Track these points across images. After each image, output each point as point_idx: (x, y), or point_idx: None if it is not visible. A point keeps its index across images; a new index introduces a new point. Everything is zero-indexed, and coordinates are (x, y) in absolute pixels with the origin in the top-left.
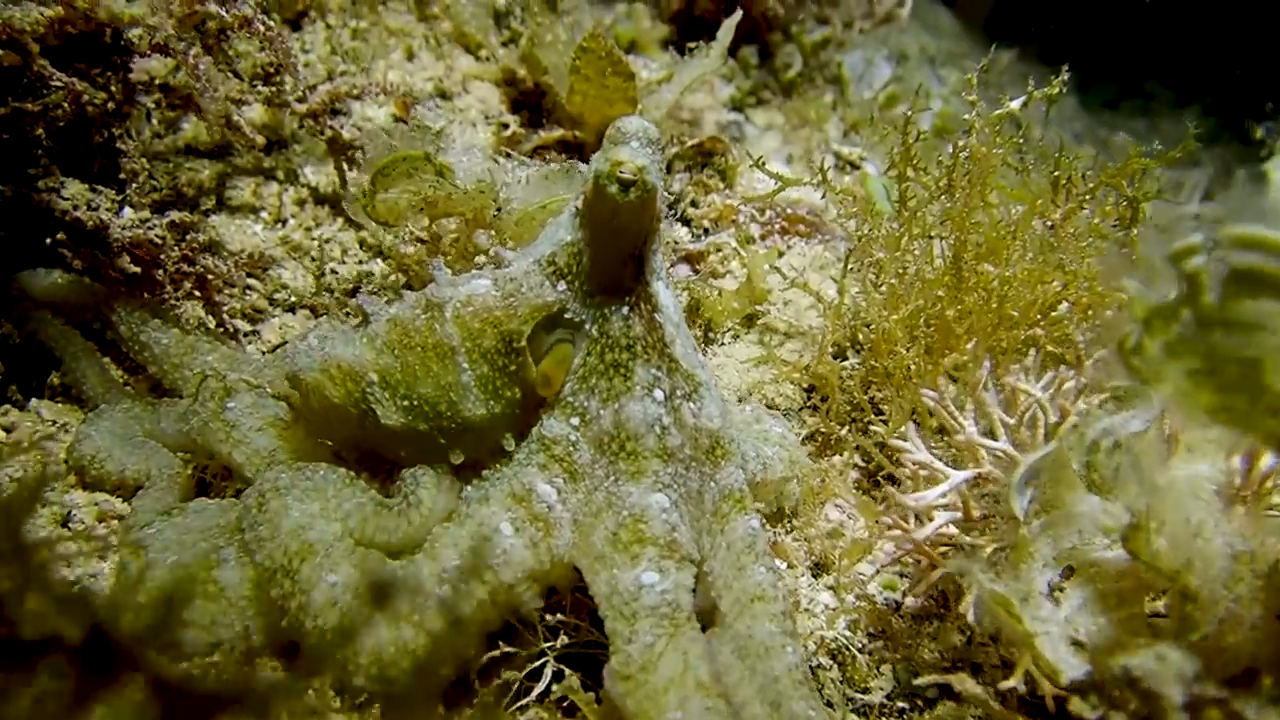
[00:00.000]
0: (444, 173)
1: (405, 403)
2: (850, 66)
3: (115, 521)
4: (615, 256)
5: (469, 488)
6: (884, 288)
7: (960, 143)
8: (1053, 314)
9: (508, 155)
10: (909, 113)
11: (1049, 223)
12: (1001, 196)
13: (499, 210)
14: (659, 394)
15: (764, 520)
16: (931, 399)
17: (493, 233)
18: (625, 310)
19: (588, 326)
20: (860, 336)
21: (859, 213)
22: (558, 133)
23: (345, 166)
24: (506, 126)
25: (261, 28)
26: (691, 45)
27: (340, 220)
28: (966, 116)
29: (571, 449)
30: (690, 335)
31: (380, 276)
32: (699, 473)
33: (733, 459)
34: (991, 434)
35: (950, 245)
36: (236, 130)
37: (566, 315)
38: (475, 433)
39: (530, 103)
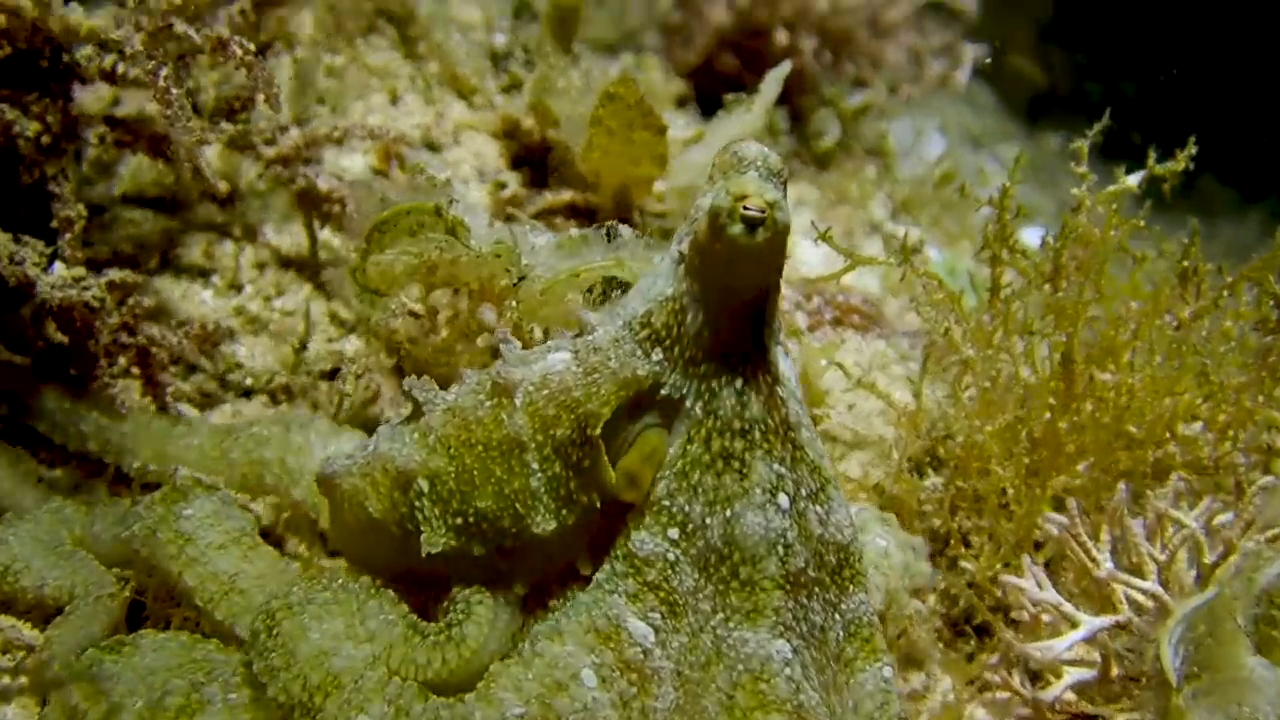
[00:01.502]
0: (458, 230)
1: (457, 520)
2: (897, 137)
3: (23, 653)
4: (731, 315)
5: (535, 622)
6: (973, 392)
7: (1069, 222)
8: (1184, 431)
9: (509, 219)
10: (994, 192)
11: (1176, 322)
12: (1114, 289)
13: (519, 279)
14: (783, 499)
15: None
16: (1056, 525)
17: (511, 305)
18: (739, 384)
19: (690, 405)
20: (943, 451)
21: (943, 301)
22: (567, 195)
23: (317, 223)
24: (505, 186)
25: (239, 50)
26: (729, 97)
27: (307, 287)
28: (1075, 191)
29: (670, 572)
30: (809, 415)
31: (355, 358)
32: (822, 601)
33: (862, 583)
34: (1133, 574)
35: (1055, 344)
36: (199, 176)
37: (663, 391)
38: (542, 554)
39: (534, 159)
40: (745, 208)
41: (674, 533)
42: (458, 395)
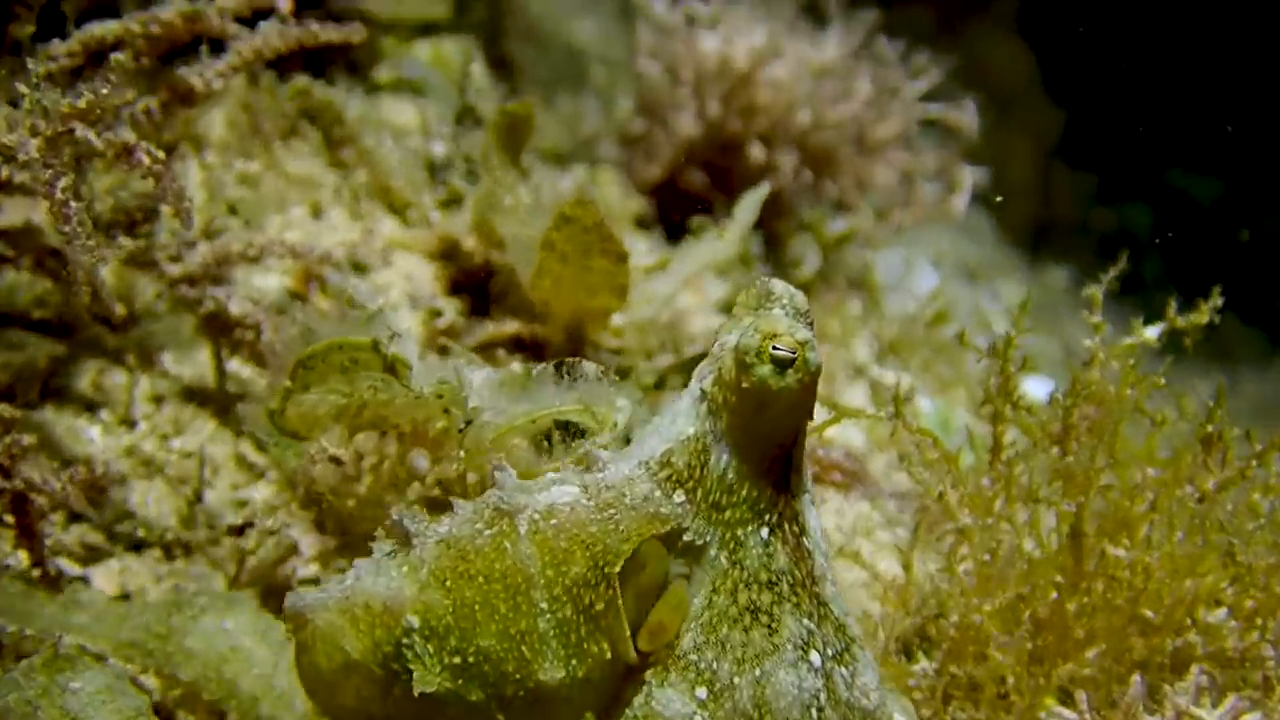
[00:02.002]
0: (398, 369)
1: (456, 660)
2: (884, 269)
3: None
4: (758, 459)
5: None
6: (969, 566)
7: (1079, 378)
8: (1206, 618)
9: (443, 351)
10: (995, 338)
11: (1198, 494)
12: (1129, 454)
13: (465, 424)
14: (815, 657)
15: None
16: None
17: (456, 455)
18: (765, 533)
19: (714, 553)
20: (935, 631)
21: (937, 461)
22: (512, 327)
23: (225, 352)
24: (441, 314)
25: (147, 159)
26: (697, 220)
27: (212, 425)
28: (1087, 344)
29: None
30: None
31: (265, 509)
32: None
33: None
34: None
35: (1063, 515)
36: (97, 299)
37: (685, 538)
38: (546, 707)
39: (475, 285)
40: (775, 348)
41: (702, 692)
42: (452, 526)
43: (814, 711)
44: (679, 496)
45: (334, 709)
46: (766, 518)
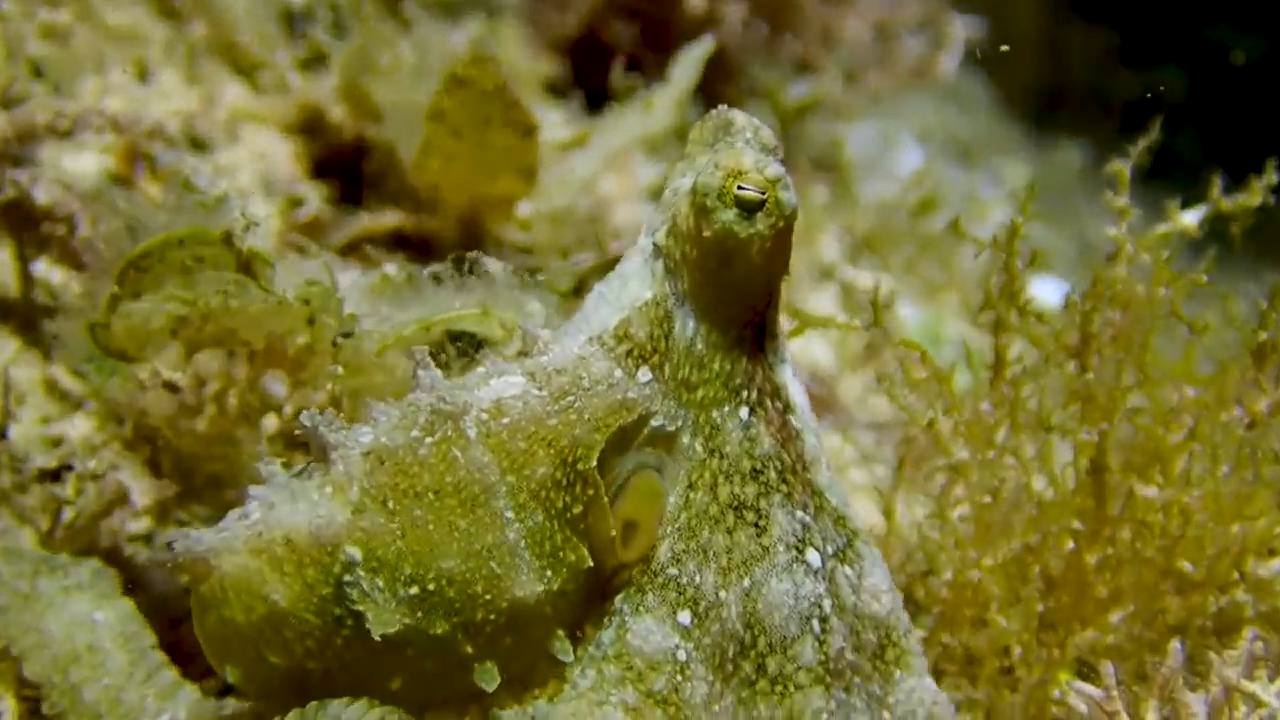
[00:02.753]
0: (255, 268)
1: (414, 590)
2: (857, 146)
3: None
4: (728, 325)
5: None
6: (966, 511)
7: (1102, 275)
8: (1258, 571)
9: (301, 252)
10: (995, 229)
11: (1247, 418)
12: (1162, 370)
13: (343, 335)
14: (813, 556)
15: None
16: (1082, 699)
17: (331, 371)
18: (745, 413)
19: (687, 441)
20: (923, 593)
21: (925, 382)
22: (390, 219)
23: (28, 252)
24: (301, 203)
25: None
26: (624, 83)
27: (15, 345)
28: (1111, 233)
29: (681, 678)
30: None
31: (83, 447)
32: (865, 696)
33: (910, 665)
34: None
35: (1082, 446)
36: None
37: (654, 423)
38: (518, 632)
39: (344, 166)
40: (740, 187)
41: (685, 617)
42: (377, 435)
43: (815, 623)
44: (644, 374)
45: (258, 672)
46: (744, 394)
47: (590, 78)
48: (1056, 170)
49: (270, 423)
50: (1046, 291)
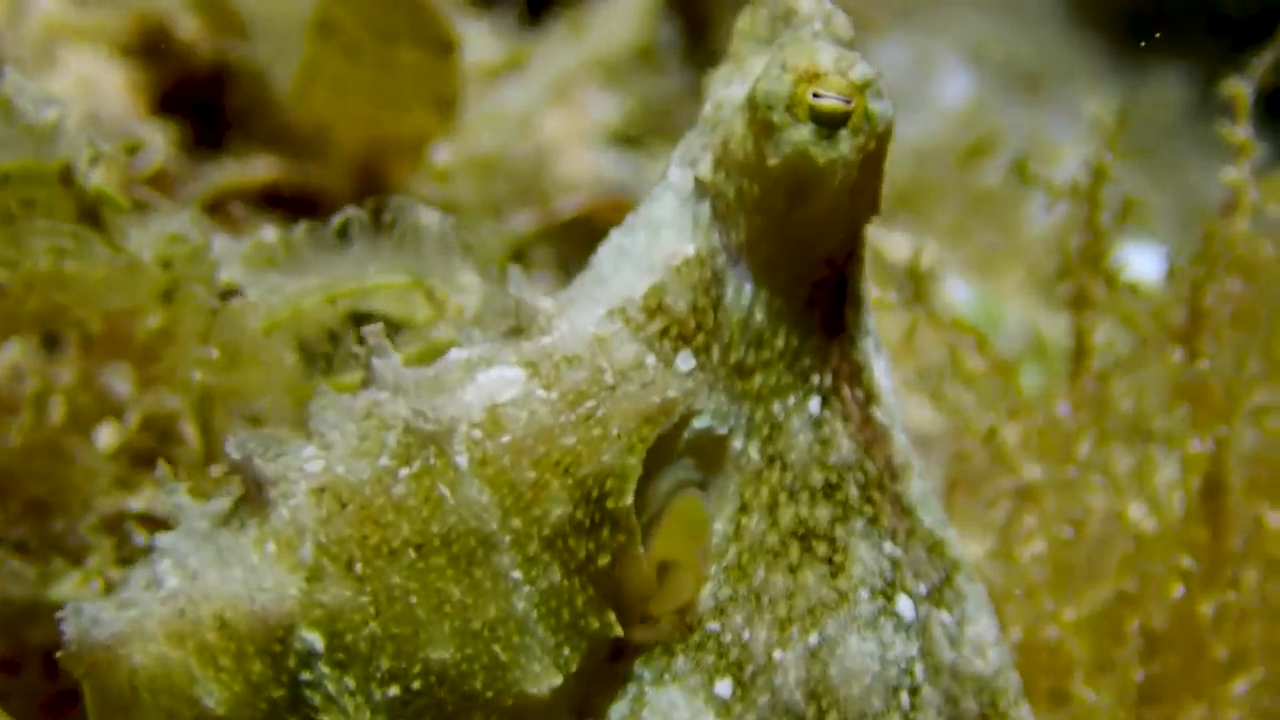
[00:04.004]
0: (102, 213)
1: (394, 690)
2: (886, 71)
3: None
4: (797, 287)
5: None
6: (1040, 548)
7: (1215, 233)
8: None
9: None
10: (1075, 173)
11: None
12: None
13: (223, 296)
14: (905, 606)
15: None
16: None
17: (201, 355)
18: (816, 405)
19: (739, 446)
20: None
21: (983, 377)
22: (263, 169)
23: None
24: (141, 149)
25: None
26: None
27: None
28: (1227, 176)
29: None
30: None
31: None
32: None
33: None
34: None
35: (1192, 461)
36: None
37: (698, 424)
38: None
39: (199, 98)
40: (817, 94)
41: (725, 687)
42: (329, 464)
43: (905, 696)
44: (685, 360)
45: None
46: (815, 380)
47: None
48: (1152, 105)
49: (108, 434)
50: (1144, 262)
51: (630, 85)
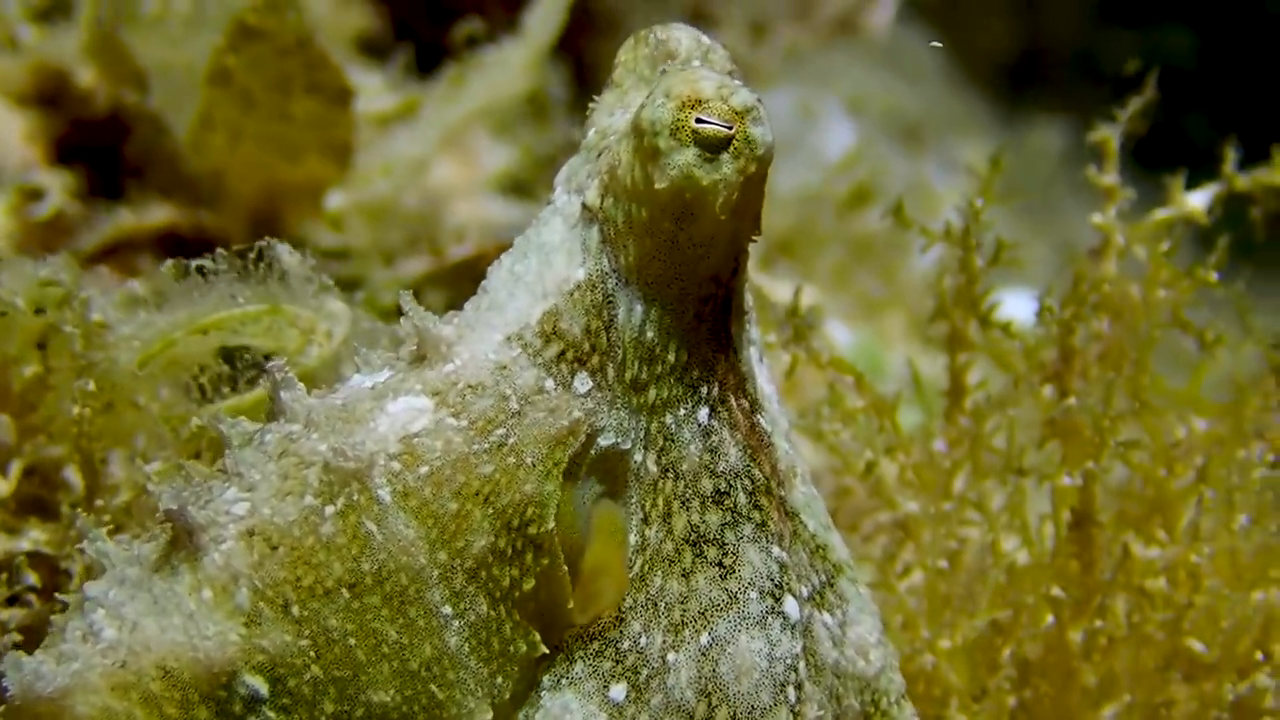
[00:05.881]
0: None
1: None
2: (770, 121)
3: None
4: (685, 304)
5: None
6: (917, 580)
7: (1083, 273)
8: None
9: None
10: (951, 216)
11: (1272, 454)
12: (1164, 396)
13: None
14: (791, 606)
15: None
16: None
17: (80, 387)
18: (704, 415)
19: (638, 459)
20: None
21: (863, 415)
22: (160, 216)
23: None
24: (41, 195)
25: None
26: (464, 35)
27: None
28: (1095, 219)
29: None
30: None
31: None
32: None
33: None
34: None
35: (1062, 494)
36: None
37: (602, 442)
38: None
39: (96, 146)
40: (700, 119)
41: (619, 691)
42: (254, 505)
43: (791, 691)
44: (582, 382)
45: None
46: (704, 391)
47: (418, 29)
48: (1032, 155)
49: None
50: (1020, 308)
51: (518, 134)
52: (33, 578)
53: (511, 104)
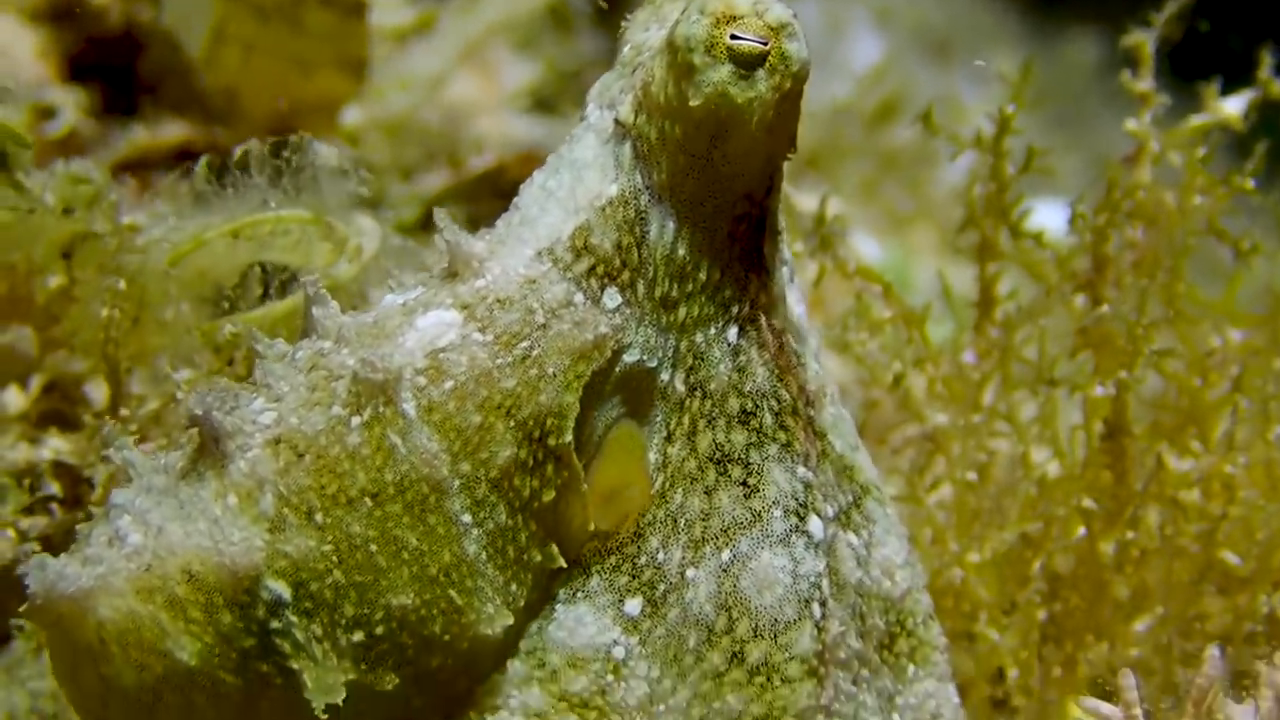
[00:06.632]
0: (8, 157)
1: (359, 636)
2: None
3: None
4: (717, 222)
5: None
6: (946, 493)
7: (1118, 180)
8: None
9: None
10: (982, 124)
11: None
12: (1199, 306)
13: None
14: (815, 525)
15: None
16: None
17: (110, 290)
18: (734, 334)
19: (665, 378)
20: None
21: (890, 326)
22: (175, 133)
23: None
24: (54, 113)
25: None
26: None
27: None
28: (1129, 126)
29: (610, 678)
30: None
31: None
32: (873, 691)
33: (928, 661)
34: None
35: (1094, 405)
36: None
37: (628, 358)
38: (474, 667)
39: (110, 62)
40: (735, 35)
41: (634, 605)
42: (281, 415)
43: (816, 607)
44: (611, 298)
45: None
46: (734, 310)
47: None
48: (1065, 67)
49: (10, 398)
50: (1051, 218)
51: (541, 48)
52: (55, 487)
53: (532, 16)
